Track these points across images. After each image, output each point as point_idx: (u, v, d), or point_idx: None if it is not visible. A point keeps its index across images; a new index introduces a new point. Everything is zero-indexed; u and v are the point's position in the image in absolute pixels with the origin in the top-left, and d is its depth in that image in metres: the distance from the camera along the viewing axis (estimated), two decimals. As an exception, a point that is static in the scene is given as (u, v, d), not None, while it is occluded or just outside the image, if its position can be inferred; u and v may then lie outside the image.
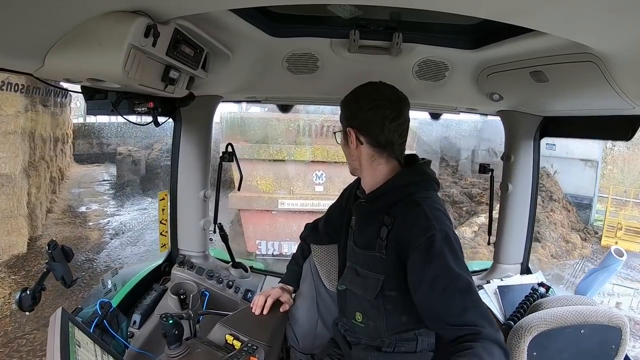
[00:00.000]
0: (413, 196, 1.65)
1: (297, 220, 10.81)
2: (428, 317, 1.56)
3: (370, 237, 1.71)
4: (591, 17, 1.13)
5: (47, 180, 13.81)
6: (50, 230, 12.95)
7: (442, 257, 1.50)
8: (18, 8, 1.04)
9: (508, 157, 2.57)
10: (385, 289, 1.68)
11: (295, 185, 11.24)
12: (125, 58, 1.30)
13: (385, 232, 1.64)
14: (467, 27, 1.92)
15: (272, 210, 11.24)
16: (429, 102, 2.48)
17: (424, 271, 1.52)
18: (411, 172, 1.73)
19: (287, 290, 2.14)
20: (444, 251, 1.51)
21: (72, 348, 1.42)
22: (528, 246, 2.67)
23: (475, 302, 1.47)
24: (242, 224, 11.44)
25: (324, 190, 11.05)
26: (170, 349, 1.68)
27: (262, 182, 11.19)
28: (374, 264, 1.70)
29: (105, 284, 2.32)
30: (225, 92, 2.54)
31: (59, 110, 15.00)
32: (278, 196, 11.16)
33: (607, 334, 1.84)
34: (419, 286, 1.53)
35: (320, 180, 11.09)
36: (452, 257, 1.51)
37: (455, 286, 1.47)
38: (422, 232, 1.54)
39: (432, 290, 1.49)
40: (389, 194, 1.69)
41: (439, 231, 1.53)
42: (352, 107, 1.72)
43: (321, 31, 1.98)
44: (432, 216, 1.57)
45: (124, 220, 15.26)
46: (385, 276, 1.67)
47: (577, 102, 1.97)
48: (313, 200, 11.05)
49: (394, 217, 1.64)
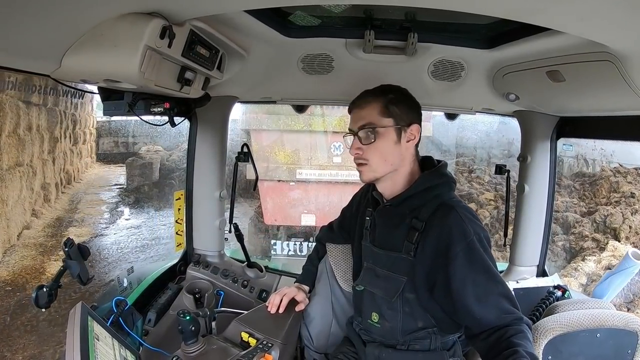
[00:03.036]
0: (440, 198, 1.69)
1: (315, 192, 10.80)
2: (469, 318, 1.58)
3: (397, 239, 1.73)
4: (608, 15, 1.11)
5: (35, 188, 11.26)
6: (11, 257, 9.38)
7: (481, 259, 1.57)
8: (35, 10, 1.05)
9: (524, 158, 2.54)
10: (406, 291, 1.70)
11: (314, 156, 11.19)
12: (141, 59, 1.32)
13: (415, 235, 1.67)
14: (483, 26, 1.91)
15: (290, 182, 11.20)
16: (445, 102, 2.47)
17: (465, 275, 1.56)
18: (434, 174, 1.75)
19: (302, 289, 2.16)
20: (482, 254, 1.57)
21: (92, 341, 1.45)
22: (544, 248, 2.64)
23: (509, 294, 1.58)
24: (261, 196, 11.39)
25: (342, 162, 11.02)
26: (187, 344, 1.71)
27: (281, 154, 11.14)
28: (398, 266, 1.72)
29: (121, 282, 2.34)
30: (241, 92, 2.55)
31: (67, 107, 13.79)
32: (296, 166, 11.12)
33: (623, 339, 1.81)
34: (462, 288, 1.56)
35: (338, 152, 11.06)
36: (487, 257, 1.58)
37: (494, 284, 1.56)
38: (462, 237, 1.58)
39: (474, 291, 1.55)
40: (416, 197, 1.72)
41: (475, 234, 1.58)
42: (409, 103, 1.77)
43: (336, 31, 1.98)
44: (467, 220, 1.61)
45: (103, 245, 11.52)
46: (408, 278, 1.69)
47: (594, 102, 1.94)
48: (331, 170, 11.01)
49: (424, 221, 1.66)
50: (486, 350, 1.52)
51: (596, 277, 8.45)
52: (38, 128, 11.56)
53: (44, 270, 9.18)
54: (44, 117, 11.89)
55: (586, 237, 10.13)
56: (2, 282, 8.41)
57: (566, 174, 13.26)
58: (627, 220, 10.01)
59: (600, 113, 2.07)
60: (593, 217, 10.54)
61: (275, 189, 11.06)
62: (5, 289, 8.23)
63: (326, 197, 10.79)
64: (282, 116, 10.49)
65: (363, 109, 1.74)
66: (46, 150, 12.28)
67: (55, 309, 1.58)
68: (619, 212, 10.24)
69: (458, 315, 1.61)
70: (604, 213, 10.48)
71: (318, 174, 10.91)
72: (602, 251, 9.44)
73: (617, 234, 9.88)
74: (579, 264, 9.08)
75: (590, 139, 2.37)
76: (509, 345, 1.42)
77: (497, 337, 1.48)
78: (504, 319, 1.51)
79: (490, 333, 1.51)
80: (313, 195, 10.97)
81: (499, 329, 1.49)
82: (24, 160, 10.68)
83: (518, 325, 1.49)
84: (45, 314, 6.70)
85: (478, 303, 1.53)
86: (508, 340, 1.44)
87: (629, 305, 7.62)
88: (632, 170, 11.76)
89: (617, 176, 11.74)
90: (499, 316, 1.52)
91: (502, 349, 1.43)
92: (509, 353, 1.39)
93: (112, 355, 1.55)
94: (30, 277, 8.85)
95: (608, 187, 11.60)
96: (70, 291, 6.77)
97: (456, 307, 1.58)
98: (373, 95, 1.75)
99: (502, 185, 11.89)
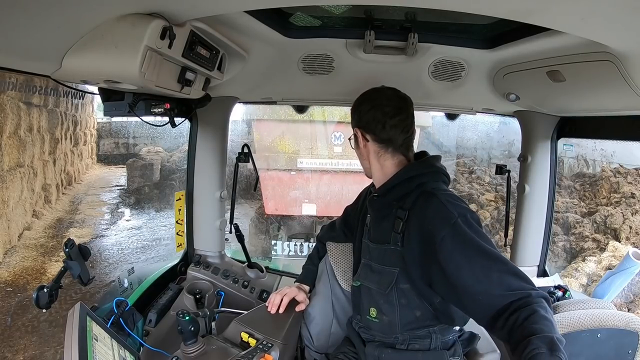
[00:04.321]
0: (423, 187, 1.69)
1: (317, 180, 10.81)
2: (474, 301, 1.51)
3: (385, 231, 1.75)
4: (608, 15, 1.11)
5: (36, 189, 11.29)
6: (12, 258, 9.43)
7: (470, 239, 1.53)
8: (35, 11, 1.06)
9: (525, 158, 2.55)
10: (400, 282, 1.71)
11: (314, 146, 11.19)
12: (141, 60, 1.32)
13: (400, 225, 1.68)
14: (483, 26, 1.91)
15: (291, 170, 11.19)
16: (445, 102, 2.48)
17: (457, 257, 1.52)
18: (419, 164, 1.78)
19: (303, 289, 2.16)
20: (469, 233, 1.54)
21: (90, 342, 1.45)
22: (545, 248, 2.64)
23: (514, 269, 1.49)
24: (262, 186, 11.38)
25: (342, 152, 11.02)
26: (186, 345, 1.71)
27: (282, 143, 11.13)
28: (389, 258, 1.73)
29: (121, 283, 2.34)
30: (241, 93, 2.56)
31: (68, 108, 13.75)
32: (297, 155, 11.11)
33: (624, 339, 1.81)
34: (457, 272, 1.52)
35: (338, 142, 11.07)
36: (477, 236, 1.54)
37: (491, 261, 1.49)
38: (444, 221, 1.56)
39: (471, 272, 1.49)
40: (399, 186, 1.74)
41: (459, 216, 1.56)
42: (357, 109, 1.86)
43: (336, 32, 1.98)
44: (448, 203, 1.60)
45: (104, 246, 11.53)
46: (399, 269, 1.70)
47: (594, 102, 1.94)
48: (332, 159, 11.01)
49: (408, 210, 1.67)
50: (508, 338, 1.40)
51: (597, 278, 8.46)
52: (39, 129, 11.54)
53: (45, 271, 9.22)
54: (44, 118, 11.87)
55: (586, 238, 10.13)
56: (3, 283, 8.41)
57: (566, 174, 13.23)
58: (627, 221, 10.02)
59: (600, 113, 2.08)
60: (593, 217, 10.55)
61: (276, 178, 11.04)
62: (6, 289, 8.23)
63: (327, 187, 10.80)
64: (283, 106, 10.50)
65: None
66: (47, 152, 12.24)
67: (56, 309, 1.57)
68: (619, 213, 10.25)
69: (463, 302, 1.56)
70: (604, 213, 10.48)
71: (319, 163, 10.93)
72: (603, 251, 9.45)
73: (618, 234, 9.89)
74: (580, 265, 9.10)
75: (590, 139, 2.36)
76: (523, 333, 1.32)
77: (510, 324, 1.37)
78: (510, 297, 1.42)
79: (506, 319, 1.40)
80: (314, 184, 10.97)
81: (511, 314, 1.39)
82: (25, 161, 10.66)
83: (529, 304, 1.38)
84: (46, 314, 6.70)
85: (478, 283, 1.48)
86: (521, 327, 1.34)
87: (630, 306, 7.62)
88: (633, 171, 11.74)
89: (618, 177, 11.74)
90: (504, 294, 1.43)
91: (519, 340, 1.32)
92: (523, 346, 1.28)
93: (111, 356, 1.54)
94: (31, 277, 8.86)
95: (608, 188, 11.60)
96: (71, 292, 6.79)
97: (458, 293, 1.54)
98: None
99: (502, 186, 11.90)
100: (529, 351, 1.25)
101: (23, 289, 8.26)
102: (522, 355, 1.25)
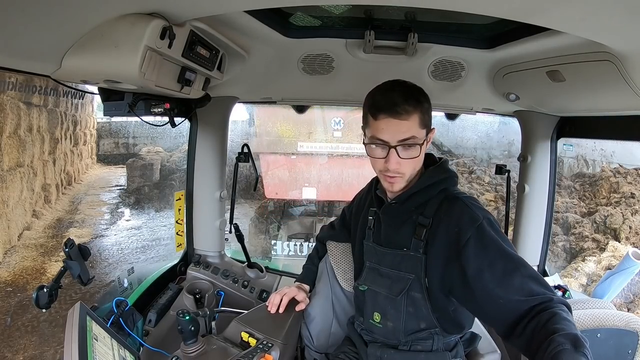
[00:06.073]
0: (445, 192, 1.67)
1: (317, 164, 10.81)
2: (494, 306, 1.49)
3: (404, 237, 1.70)
4: (608, 16, 1.11)
5: (36, 189, 11.36)
6: (12, 258, 9.52)
7: (493, 242, 1.51)
8: (35, 11, 1.06)
9: (525, 158, 2.55)
10: (412, 290, 1.68)
11: (315, 130, 11.19)
12: (141, 60, 1.32)
13: (423, 232, 1.64)
14: (483, 26, 1.91)
15: (291, 154, 11.18)
16: (445, 102, 2.47)
17: (480, 260, 1.51)
18: (438, 170, 1.72)
19: (303, 289, 2.14)
20: (493, 236, 1.52)
21: (90, 342, 1.45)
22: (545, 248, 2.64)
23: (535, 274, 1.48)
24: (262, 170, 11.36)
25: (342, 136, 11.01)
26: (186, 344, 1.70)
27: (282, 127, 11.13)
28: (405, 263, 1.69)
29: (121, 283, 2.34)
30: (241, 93, 2.56)
31: (67, 108, 13.76)
32: (297, 139, 11.10)
33: (623, 339, 1.81)
34: (479, 275, 1.50)
35: (338, 127, 11.06)
36: (500, 239, 1.52)
37: (513, 265, 1.48)
38: (470, 223, 1.54)
39: (493, 275, 1.48)
40: (421, 193, 1.68)
41: (484, 219, 1.55)
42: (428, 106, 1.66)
43: (336, 32, 1.98)
44: (472, 206, 1.59)
45: (104, 246, 11.55)
46: (415, 276, 1.67)
47: (594, 102, 1.94)
48: (331, 143, 11.01)
49: (431, 217, 1.64)
50: (527, 345, 1.38)
51: (596, 278, 8.49)
52: (39, 129, 11.59)
53: (45, 271, 9.26)
54: (44, 118, 11.91)
55: (586, 238, 10.16)
56: (2, 283, 8.43)
57: (566, 174, 13.26)
58: (627, 221, 10.04)
59: (600, 113, 2.08)
60: (593, 217, 10.58)
61: (276, 162, 11.05)
62: (6, 289, 8.23)
63: (327, 170, 10.80)
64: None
65: (403, 121, 1.56)
66: (47, 151, 12.27)
67: (55, 309, 1.57)
68: (619, 213, 10.26)
69: (482, 307, 1.54)
70: (604, 213, 10.51)
71: (319, 147, 10.93)
72: (602, 251, 9.48)
73: (617, 234, 9.91)
74: (579, 265, 9.15)
75: (590, 139, 2.36)
76: (547, 333, 1.29)
77: (532, 328, 1.36)
78: (531, 302, 1.40)
79: (525, 325, 1.39)
80: (314, 168, 10.99)
81: (532, 319, 1.38)
82: (25, 161, 10.71)
83: (551, 308, 1.36)
84: (45, 314, 6.71)
85: (499, 287, 1.45)
86: (543, 328, 1.32)
87: (629, 305, 7.63)
88: (632, 171, 11.77)
89: (617, 177, 11.76)
90: (525, 299, 1.41)
91: (541, 340, 1.29)
92: (545, 345, 1.25)
93: (111, 356, 1.54)
94: (31, 277, 8.89)
95: (608, 188, 11.61)
96: (71, 292, 6.79)
97: (477, 298, 1.52)
98: (412, 105, 1.57)
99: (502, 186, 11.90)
100: (552, 348, 1.23)
101: (23, 288, 8.30)
102: (546, 353, 1.23)
